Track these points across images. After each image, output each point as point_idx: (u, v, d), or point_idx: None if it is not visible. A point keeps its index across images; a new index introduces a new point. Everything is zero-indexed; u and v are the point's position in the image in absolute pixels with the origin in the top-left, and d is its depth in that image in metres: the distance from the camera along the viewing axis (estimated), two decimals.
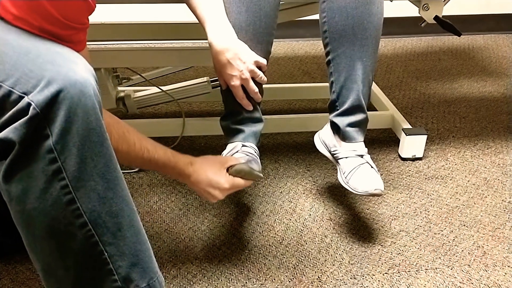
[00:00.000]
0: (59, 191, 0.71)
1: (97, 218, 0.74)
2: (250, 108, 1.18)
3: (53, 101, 0.67)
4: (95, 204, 0.73)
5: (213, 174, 1.03)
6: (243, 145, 1.17)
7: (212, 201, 1.08)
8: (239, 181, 1.06)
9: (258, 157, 1.17)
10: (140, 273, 0.80)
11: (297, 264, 1.18)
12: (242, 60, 1.11)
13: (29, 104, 0.67)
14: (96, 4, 0.78)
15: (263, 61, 1.15)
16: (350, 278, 1.14)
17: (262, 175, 1.10)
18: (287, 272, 1.15)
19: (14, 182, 0.71)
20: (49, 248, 0.75)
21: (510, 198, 1.41)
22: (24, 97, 0.67)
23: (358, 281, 1.13)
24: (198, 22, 1.15)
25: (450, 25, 1.49)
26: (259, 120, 1.22)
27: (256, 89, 1.16)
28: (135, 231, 0.79)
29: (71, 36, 0.77)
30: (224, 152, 1.19)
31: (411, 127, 1.56)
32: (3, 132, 0.68)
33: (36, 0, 0.70)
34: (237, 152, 1.16)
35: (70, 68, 0.70)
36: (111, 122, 0.84)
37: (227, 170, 1.06)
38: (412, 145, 1.53)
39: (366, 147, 1.23)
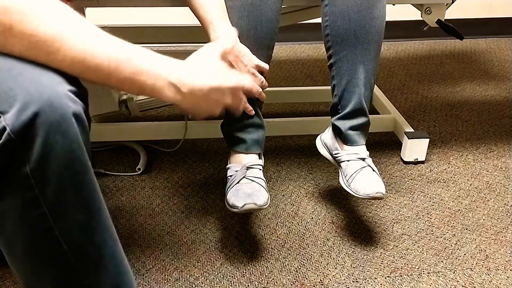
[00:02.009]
0: (36, 218, 0.67)
1: (78, 248, 0.71)
2: (252, 112, 1.18)
3: (29, 126, 0.61)
4: (77, 235, 0.70)
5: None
6: (248, 168, 1.17)
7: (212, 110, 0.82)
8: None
9: (264, 178, 1.18)
10: None
11: (299, 267, 1.18)
12: (243, 63, 1.12)
13: (4, 128, 0.61)
14: (100, 7, 0.77)
15: (265, 65, 1.15)
16: (352, 281, 1.14)
17: (268, 204, 1.12)
18: (289, 275, 1.15)
19: None
20: (30, 269, 0.73)
21: None
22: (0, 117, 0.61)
23: (361, 284, 1.13)
24: (200, 25, 1.15)
25: (452, 28, 1.49)
26: (260, 126, 1.22)
27: (260, 89, 1.16)
28: (117, 261, 0.77)
29: None
30: (230, 172, 1.20)
31: (413, 130, 1.56)
32: None
33: None
34: (243, 177, 1.16)
35: (54, 90, 0.63)
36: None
37: None
38: (414, 148, 1.53)
39: (368, 150, 1.23)
